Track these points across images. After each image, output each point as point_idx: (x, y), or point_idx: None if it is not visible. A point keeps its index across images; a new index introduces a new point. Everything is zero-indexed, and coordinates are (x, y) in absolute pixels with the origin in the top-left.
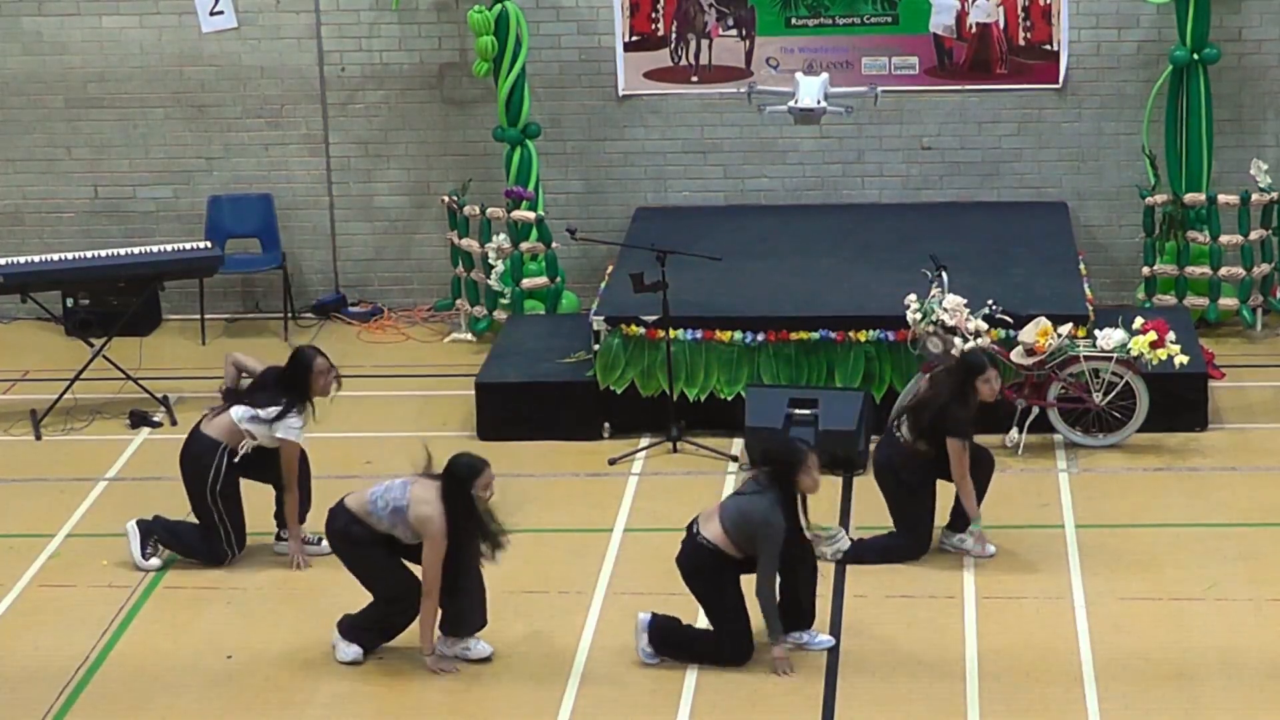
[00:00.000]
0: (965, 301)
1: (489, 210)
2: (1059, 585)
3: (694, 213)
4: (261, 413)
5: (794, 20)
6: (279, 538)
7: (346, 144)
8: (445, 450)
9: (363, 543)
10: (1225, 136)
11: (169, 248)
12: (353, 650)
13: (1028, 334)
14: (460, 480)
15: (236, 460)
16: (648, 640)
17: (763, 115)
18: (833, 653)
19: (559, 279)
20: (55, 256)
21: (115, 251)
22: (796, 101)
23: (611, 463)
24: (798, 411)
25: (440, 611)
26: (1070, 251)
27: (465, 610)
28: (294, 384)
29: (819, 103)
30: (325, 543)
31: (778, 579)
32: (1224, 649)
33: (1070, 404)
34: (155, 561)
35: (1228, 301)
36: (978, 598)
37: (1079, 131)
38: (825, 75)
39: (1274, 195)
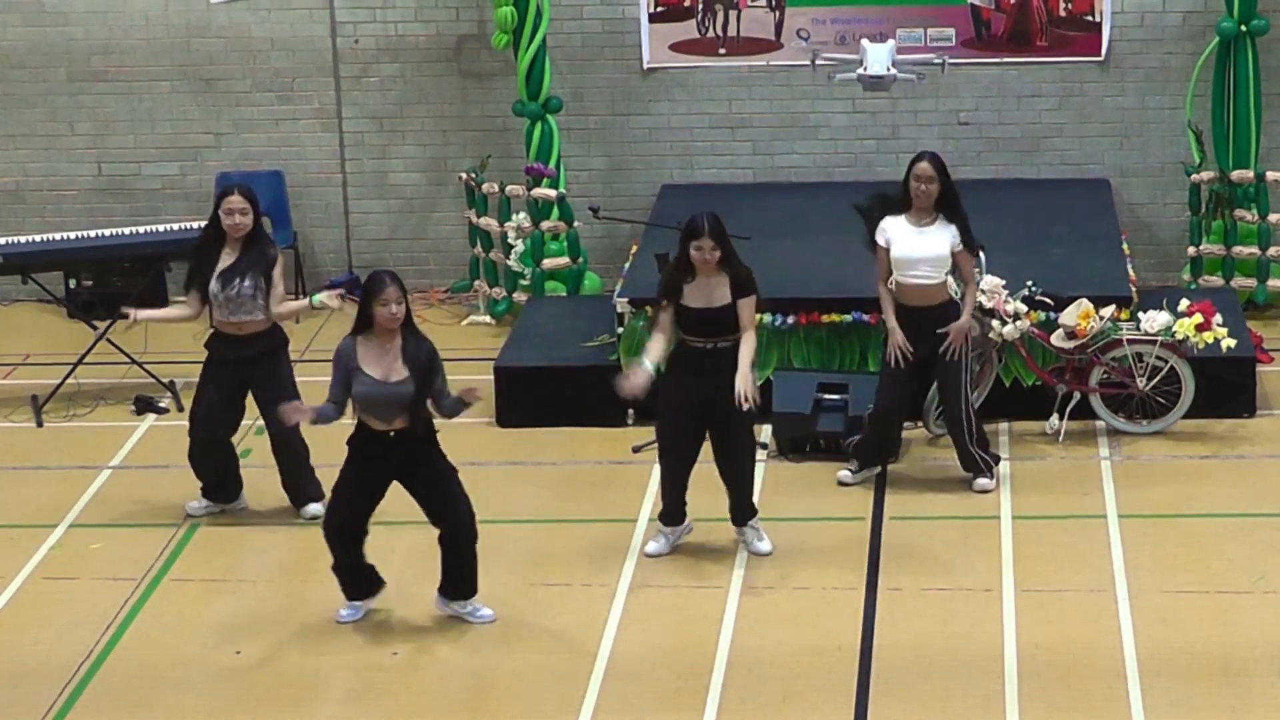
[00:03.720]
0: (1004, 282)
1: (508, 188)
2: (1101, 578)
3: (722, 190)
4: None
5: None
6: None
7: (360, 119)
8: (462, 439)
9: None
10: (1274, 111)
11: (175, 227)
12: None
13: (1069, 316)
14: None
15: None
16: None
17: (830, 83)
18: (866, 647)
19: (581, 259)
20: (57, 236)
21: (119, 231)
22: (865, 69)
23: (635, 450)
24: (827, 396)
25: None
26: (1113, 231)
27: None
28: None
29: (888, 70)
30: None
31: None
32: (1273, 643)
33: (1113, 389)
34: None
35: (1277, 283)
36: (1016, 591)
37: (1122, 106)
38: (892, 42)
39: None
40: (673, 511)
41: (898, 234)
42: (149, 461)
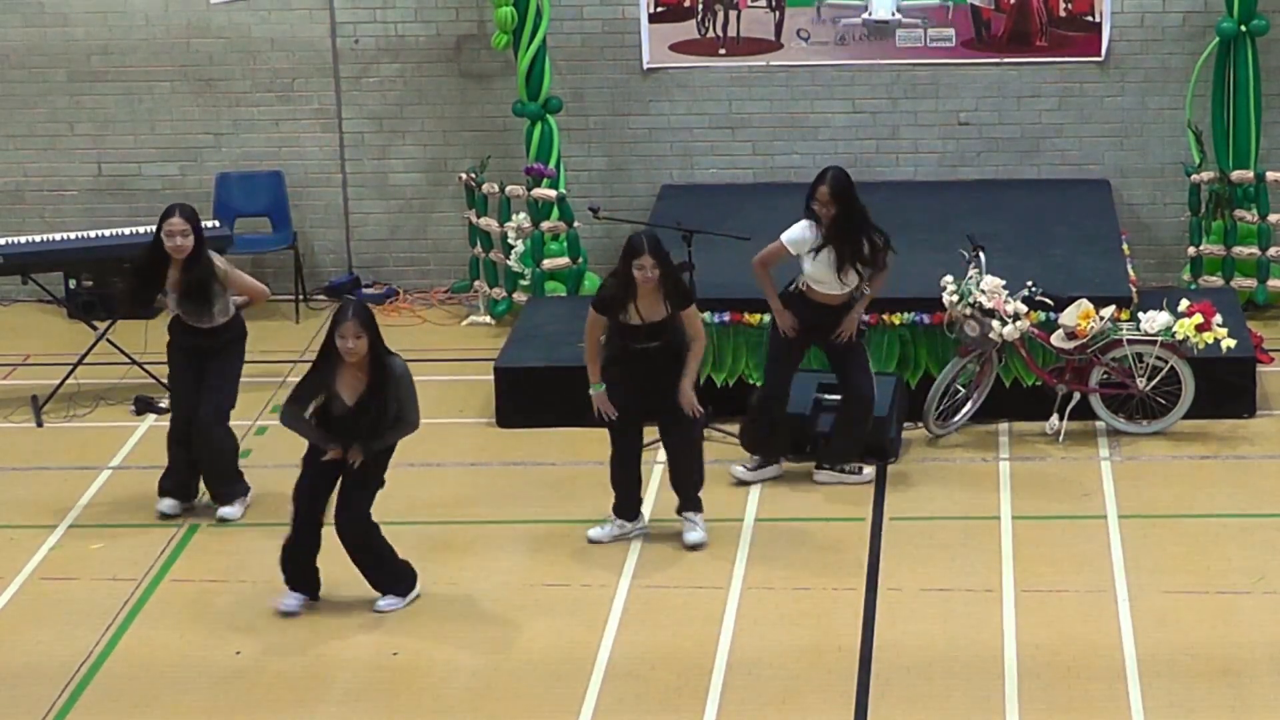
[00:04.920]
0: (1004, 283)
1: (508, 188)
2: (1101, 578)
3: (721, 190)
4: None
5: None
6: None
7: (360, 119)
8: (462, 439)
9: None
10: (1274, 111)
11: None
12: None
13: (1069, 317)
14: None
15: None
16: None
17: (836, 28)
18: (866, 647)
19: (581, 260)
20: (57, 236)
21: (119, 231)
22: (870, 13)
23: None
24: (827, 396)
25: None
26: (1113, 231)
27: None
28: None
29: (894, 14)
30: None
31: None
32: (1272, 644)
33: (1113, 389)
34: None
35: (1277, 283)
36: (1017, 591)
37: (1122, 106)
38: None
39: None
40: (626, 505)
41: (815, 255)
42: (149, 461)
